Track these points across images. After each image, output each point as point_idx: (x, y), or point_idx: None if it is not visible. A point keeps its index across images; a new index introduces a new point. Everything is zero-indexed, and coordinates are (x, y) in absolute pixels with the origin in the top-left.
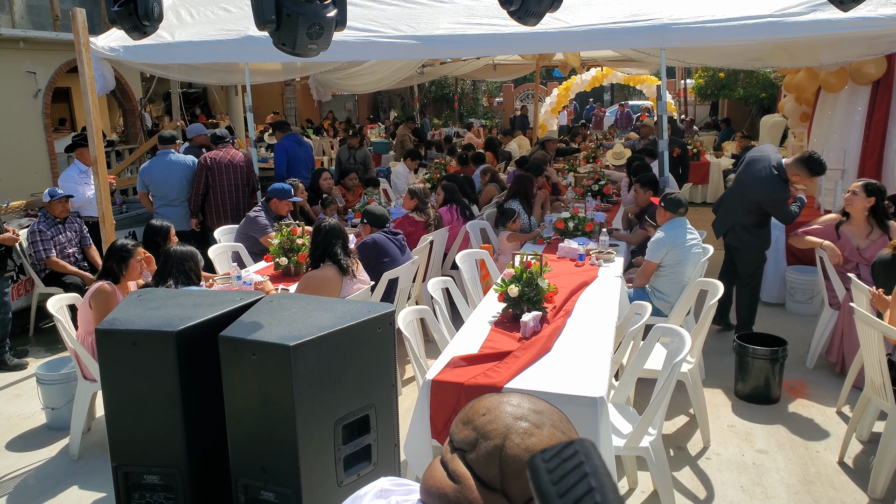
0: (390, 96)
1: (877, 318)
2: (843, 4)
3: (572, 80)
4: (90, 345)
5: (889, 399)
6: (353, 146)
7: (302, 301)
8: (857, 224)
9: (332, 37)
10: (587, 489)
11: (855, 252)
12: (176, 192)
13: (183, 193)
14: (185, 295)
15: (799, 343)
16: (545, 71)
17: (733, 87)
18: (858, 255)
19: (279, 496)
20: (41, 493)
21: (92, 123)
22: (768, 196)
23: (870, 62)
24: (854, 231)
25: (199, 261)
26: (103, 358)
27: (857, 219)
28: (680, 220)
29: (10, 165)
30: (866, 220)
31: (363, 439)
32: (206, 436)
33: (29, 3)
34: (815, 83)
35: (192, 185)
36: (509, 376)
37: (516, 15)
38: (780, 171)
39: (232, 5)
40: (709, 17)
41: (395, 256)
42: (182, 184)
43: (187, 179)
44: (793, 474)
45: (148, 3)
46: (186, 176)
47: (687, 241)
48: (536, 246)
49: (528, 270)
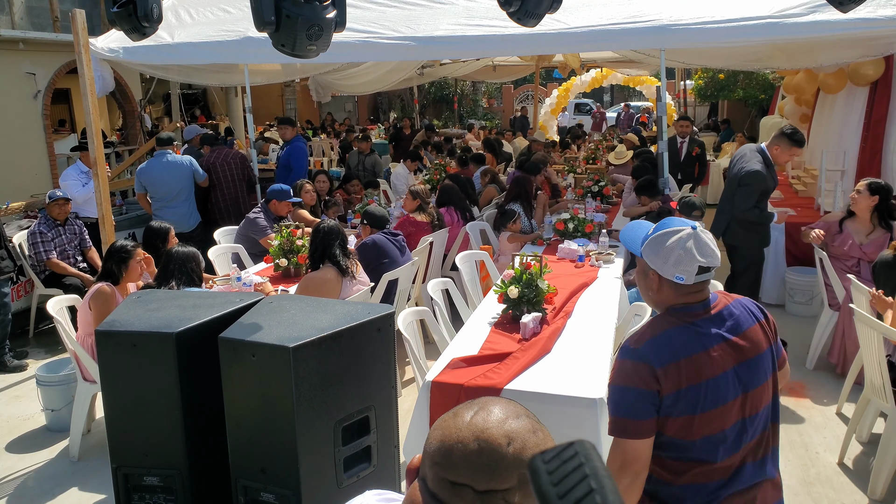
0: (390, 97)
1: (876, 319)
2: (842, 6)
3: (572, 81)
4: (90, 346)
5: (889, 400)
6: (364, 151)
7: (302, 302)
8: (862, 221)
9: (331, 38)
10: (587, 490)
11: (856, 247)
12: (174, 193)
13: (182, 194)
14: (185, 296)
15: (799, 344)
16: (545, 72)
17: (733, 88)
18: (860, 250)
19: (279, 497)
20: (41, 495)
21: (91, 125)
22: (745, 174)
23: (868, 63)
24: (858, 227)
25: (200, 262)
26: (103, 359)
27: (861, 217)
28: (692, 223)
29: (9, 167)
30: (870, 219)
31: (363, 440)
32: (206, 437)
33: (28, 5)
34: (814, 84)
35: (190, 186)
36: (509, 377)
37: (516, 16)
38: (761, 153)
39: (231, 6)
40: (708, 19)
41: (394, 257)
42: (180, 185)
43: (185, 180)
44: (793, 475)
45: (147, 4)
46: (184, 177)
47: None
48: (536, 247)
49: (527, 272)
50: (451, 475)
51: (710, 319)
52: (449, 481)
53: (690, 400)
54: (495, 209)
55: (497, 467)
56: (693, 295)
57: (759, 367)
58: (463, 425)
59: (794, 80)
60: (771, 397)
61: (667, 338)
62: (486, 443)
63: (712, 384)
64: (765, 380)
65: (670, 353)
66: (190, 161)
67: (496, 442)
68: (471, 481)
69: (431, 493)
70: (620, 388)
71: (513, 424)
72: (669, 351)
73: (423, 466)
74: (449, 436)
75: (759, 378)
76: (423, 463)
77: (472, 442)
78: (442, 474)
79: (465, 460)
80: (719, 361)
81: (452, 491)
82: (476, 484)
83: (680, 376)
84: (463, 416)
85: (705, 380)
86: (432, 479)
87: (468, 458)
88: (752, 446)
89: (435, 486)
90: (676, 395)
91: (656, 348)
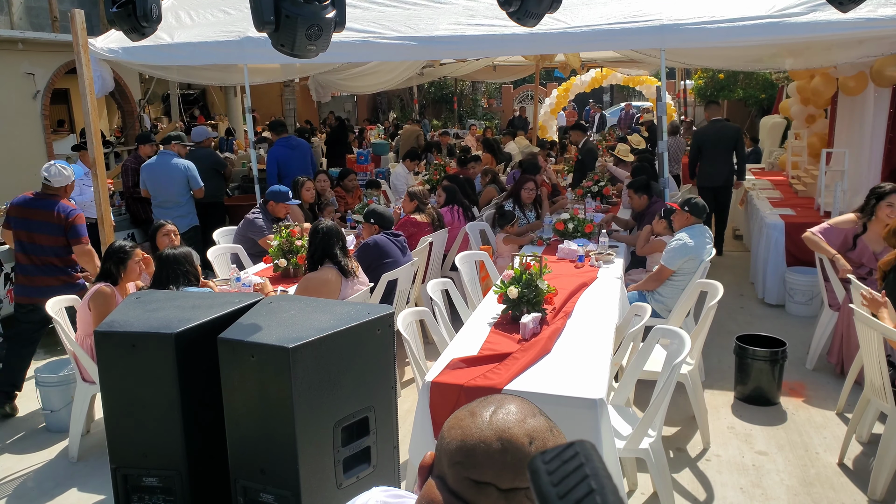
0: (389, 97)
1: (876, 320)
2: (842, 5)
3: (572, 82)
4: (89, 347)
5: (889, 401)
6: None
7: (301, 303)
8: (878, 230)
9: (330, 38)
10: (588, 491)
11: (872, 258)
12: (165, 195)
13: (174, 198)
14: (184, 297)
15: (799, 344)
16: (545, 72)
17: (733, 88)
18: (875, 260)
19: (278, 498)
20: (40, 496)
21: (91, 125)
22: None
23: (891, 65)
24: (872, 237)
25: (194, 260)
26: (102, 360)
27: (880, 226)
28: (701, 227)
29: (8, 167)
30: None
31: (362, 441)
32: (206, 438)
33: (27, 4)
34: (832, 87)
35: (183, 191)
36: (509, 378)
37: (515, 16)
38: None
39: (231, 8)
40: (708, 18)
41: (396, 258)
42: (172, 188)
43: (177, 185)
44: (792, 476)
45: (147, 4)
46: (175, 181)
47: (705, 254)
48: (536, 247)
49: (527, 272)
50: (475, 474)
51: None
52: (472, 480)
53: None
54: (494, 209)
55: (521, 466)
56: None
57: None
58: (484, 425)
59: (810, 84)
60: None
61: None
62: (509, 442)
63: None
64: None
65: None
66: (186, 167)
67: (519, 441)
68: (495, 480)
69: (453, 492)
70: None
71: (532, 423)
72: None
73: (438, 465)
74: (470, 435)
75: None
76: (438, 461)
77: (495, 441)
78: (465, 473)
79: (489, 459)
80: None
81: (477, 489)
82: (500, 482)
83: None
84: (482, 415)
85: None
86: (453, 478)
87: (492, 458)
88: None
89: (457, 486)
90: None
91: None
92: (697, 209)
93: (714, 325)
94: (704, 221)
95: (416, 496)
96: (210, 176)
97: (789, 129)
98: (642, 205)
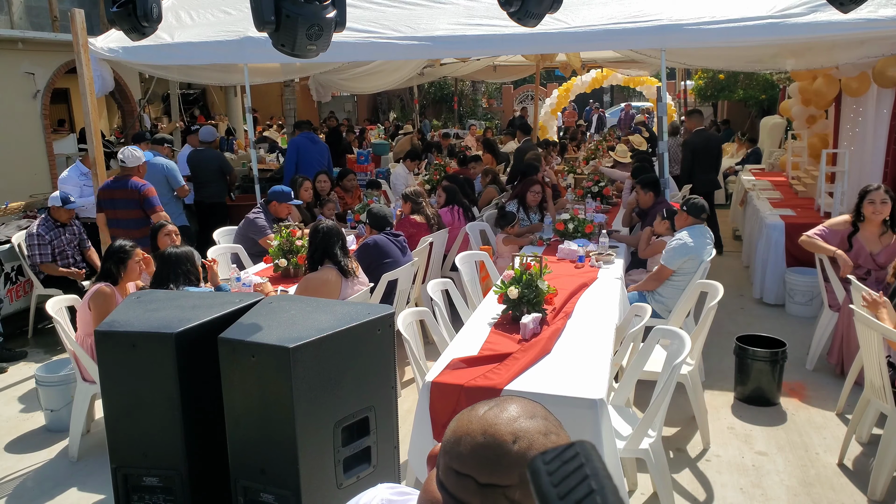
0: (389, 97)
1: (876, 320)
2: (842, 6)
3: (572, 82)
4: (89, 346)
5: (889, 401)
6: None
7: (301, 303)
8: (872, 230)
9: (331, 38)
10: (588, 491)
11: (869, 258)
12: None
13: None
14: (185, 296)
15: (799, 345)
16: (545, 72)
17: (733, 88)
18: (872, 260)
19: (278, 498)
20: (40, 495)
21: (90, 125)
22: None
23: (893, 66)
24: (867, 237)
25: (195, 260)
26: (102, 360)
27: (873, 225)
28: (702, 227)
29: (8, 166)
30: (881, 224)
31: (363, 441)
32: (206, 438)
33: (27, 4)
34: (834, 88)
35: (163, 190)
36: (509, 378)
37: (516, 16)
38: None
39: (232, 8)
40: (709, 19)
41: (396, 258)
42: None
43: (157, 185)
44: (792, 476)
45: (147, 4)
46: (155, 181)
47: (705, 254)
48: (536, 248)
49: (527, 272)
50: (457, 464)
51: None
52: (454, 470)
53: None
54: (495, 209)
55: (499, 462)
56: None
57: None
58: (475, 418)
59: (812, 85)
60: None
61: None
62: (491, 437)
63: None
64: None
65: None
66: (164, 166)
67: (501, 438)
68: (473, 472)
69: (439, 481)
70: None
71: (523, 424)
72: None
73: (439, 455)
74: (461, 426)
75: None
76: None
77: (479, 435)
78: (450, 463)
79: (471, 451)
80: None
81: (457, 480)
82: (478, 476)
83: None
84: (479, 409)
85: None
86: (443, 468)
87: (474, 450)
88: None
89: (443, 474)
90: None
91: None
92: (696, 209)
93: (714, 326)
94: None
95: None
96: (215, 178)
97: (790, 129)
98: (648, 202)
